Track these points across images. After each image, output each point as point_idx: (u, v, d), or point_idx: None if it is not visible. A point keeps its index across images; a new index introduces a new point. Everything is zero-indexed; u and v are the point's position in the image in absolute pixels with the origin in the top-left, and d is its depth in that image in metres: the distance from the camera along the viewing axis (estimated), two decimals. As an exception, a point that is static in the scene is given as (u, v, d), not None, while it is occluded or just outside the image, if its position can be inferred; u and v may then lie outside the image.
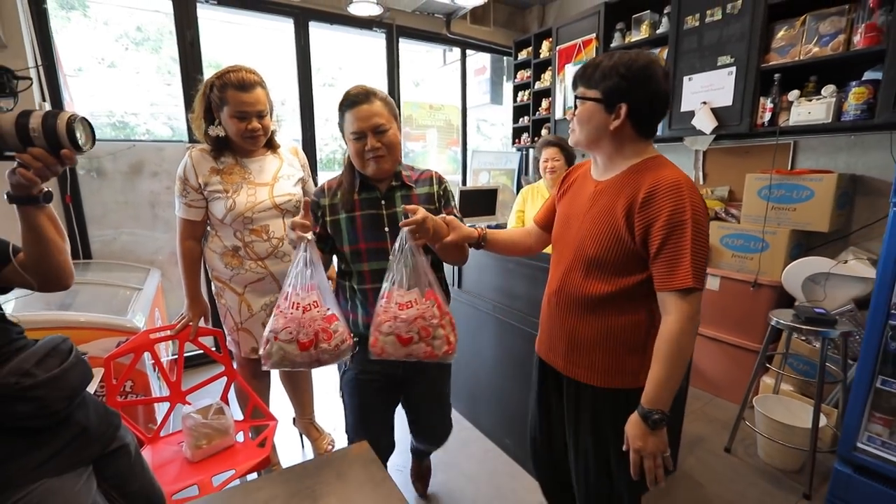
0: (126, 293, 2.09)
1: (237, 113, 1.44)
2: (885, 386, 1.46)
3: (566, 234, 1.12)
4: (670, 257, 0.92)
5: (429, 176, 1.33)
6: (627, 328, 1.03)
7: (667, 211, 0.90)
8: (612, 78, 0.94)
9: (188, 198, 1.51)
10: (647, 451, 0.94)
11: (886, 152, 2.12)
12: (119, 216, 2.66)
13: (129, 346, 1.48)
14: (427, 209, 1.17)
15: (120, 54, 3.26)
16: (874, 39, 1.92)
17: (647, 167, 0.98)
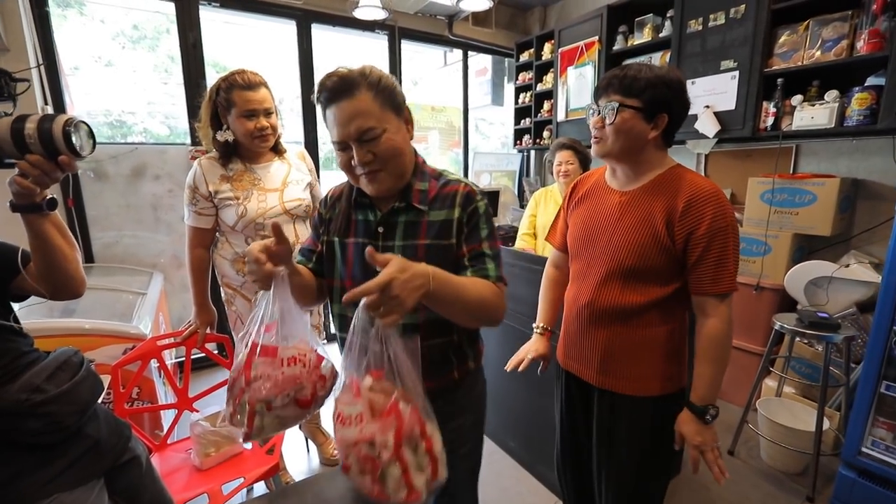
0: (130, 298, 2.08)
1: (245, 112, 1.44)
2: (889, 391, 1.47)
3: (592, 247, 1.10)
4: (714, 263, 0.96)
5: (454, 191, 0.92)
6: (665, 336, 1.06)
7: (709, 218, 0.94)
8: (658, 88, 0.96)
9: (198, 206, 1.51)
10: (708, 444, 1.00)
11: (888, 157, 2.13)
12: (121, 219, 2.66)
13: (137, 353, 1.48)
14: (431, 247, 0.88)
15: (116, 52, 3.24)
16: (877, 45, 1.93)
17: (675, 176, 1.02)
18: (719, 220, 0.94)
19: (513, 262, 1.95)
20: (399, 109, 0.88)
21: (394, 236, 0.91)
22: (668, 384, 1.07)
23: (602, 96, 1.02)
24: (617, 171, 1.10)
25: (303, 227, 1.63)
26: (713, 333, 0.98)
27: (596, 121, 1.03)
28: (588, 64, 3.15)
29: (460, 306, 0.81)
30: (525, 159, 4.27)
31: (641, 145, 1.01)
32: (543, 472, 1.89)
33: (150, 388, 1.68)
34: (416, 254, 0.88)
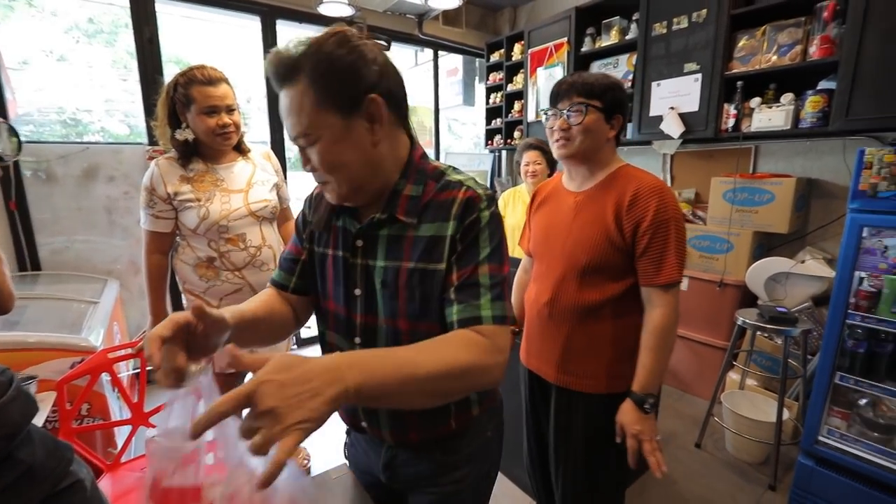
0: (80, 307, 1.96)
1: (206, 108, 1.37)
2: (842, 382, 1.53)
3: (551, 247, 1.15)
4: (656, 254, 1.01)
5: (451, 198, 0.69)
6: (620, 333, 1.10)
7: (652, 210, 1.00)
8: (615, 91, 1.06)
9: (155, 209, 1.43)
10: (646, 433, 1.01)
11: (839, 157, 2.24)
12: (72, 223, 2.50)
13: (85, 367, 1.38)
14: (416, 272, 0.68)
15: (70, 47, 3.05)
16: (828, 51, 2.01)
17: (624, 174, 1.09)
18: (662, 213, 0.99)
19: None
20: (353, 104, 0.63)
21: (375, 254, 0.72)
22: (623, 382, 1.09)
23: (563, 100, 1.07)
24: (574, 173, 1.15)
25: (270, 230, 1.56)
26: (656, 323, 1.02)
27: (561, 123, 1.07)
28: (557, 65, 3.18)
29: (414, 392, 0.56)
30: (497, 159, 4.28)
31: (601, 145, 1.08)
32: (518, 475, 1.88)
33: (102, 404, 1.58)
34: (396, 279, 0.70)
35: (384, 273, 0.71)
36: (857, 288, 1.49)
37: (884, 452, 1.46)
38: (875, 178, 1.33)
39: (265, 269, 1.53)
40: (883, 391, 1.45)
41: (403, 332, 0.72)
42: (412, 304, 0.70)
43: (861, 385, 1.49)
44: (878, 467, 1.44)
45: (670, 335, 1.03)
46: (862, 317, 1.47)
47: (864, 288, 1.48)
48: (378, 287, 0.72)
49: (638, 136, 2.75)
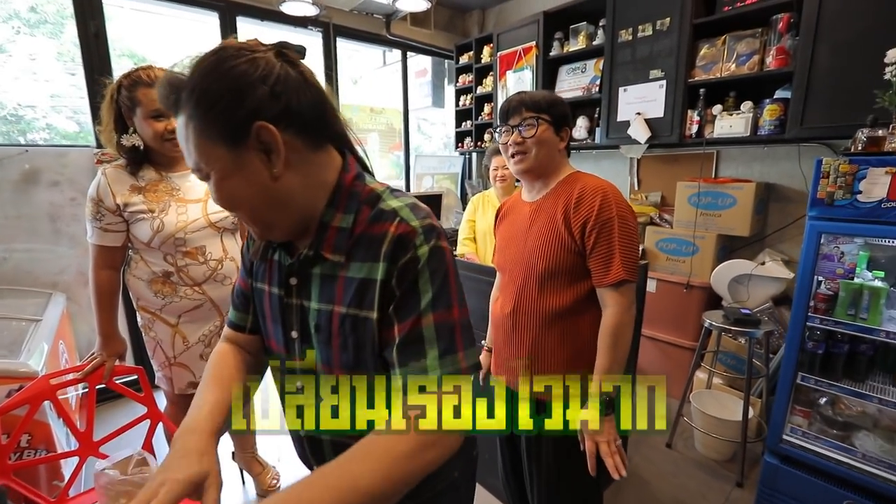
0: (20, 327, 1.79)
1: (152, 112, 1.28)
2: (804, 381, 1.59)
3: (511, 256, 1.18)
4: (603, 254, 1.02)
5: (382, 233, 0.59)
6: (585, 337, 1.10)
7: (595, 209, 1.02)
8: (559, 105, 1.11)
9: (103, 221, 1.32)
10: (603, 435, 1.01)
11: (794, 163, 2.34)
12: (9, 231, 2.29)
13: (23, 396, 1.25)
14: (349, 318, 0.61)
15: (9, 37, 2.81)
16: (783, 62, 2.10)
17: (573, 179, 1.12)
18: (605, 212, 1.01)
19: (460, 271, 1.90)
20: (237, 134, 0.53)
21: (309, 294, 0.64)
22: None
23: (513, 115, 1.10)
24: (530, 186, 1.18)
25: (232, 241, 1.47)
26: (608, 322, 1.03)
27: (515, 137, 1.10)
28: (526, 68, 3.19)
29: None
30: (467, 162, 4.27)
31: (554, 156, 1.12)
32: (494, 485, 1.86)
33: (45, 434, 1.44)
34: (330, 325, 0.63)
35: (318, 316, 0.64)
36: (815, 291, 1.55)
37: (843, 449, 1.52)
38: (832, 187, 1.38)
39: (227, 283, 1.44)
40: (841, 390, 1.52)
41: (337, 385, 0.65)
42: (345, 353, 0.63)
43: (821, 384, 1.55)
44: (837, 464, 1.50)
45: (623, 334, 1.03)
46: (821, 319, 1.53)
47: (822, 291, 1.54)
48: (312, 331, 0.65)
49: (606, 141, 2.79)
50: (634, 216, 1.07)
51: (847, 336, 1.53)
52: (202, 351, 1.47)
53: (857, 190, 1.33)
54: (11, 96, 2.75)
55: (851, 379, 1.54)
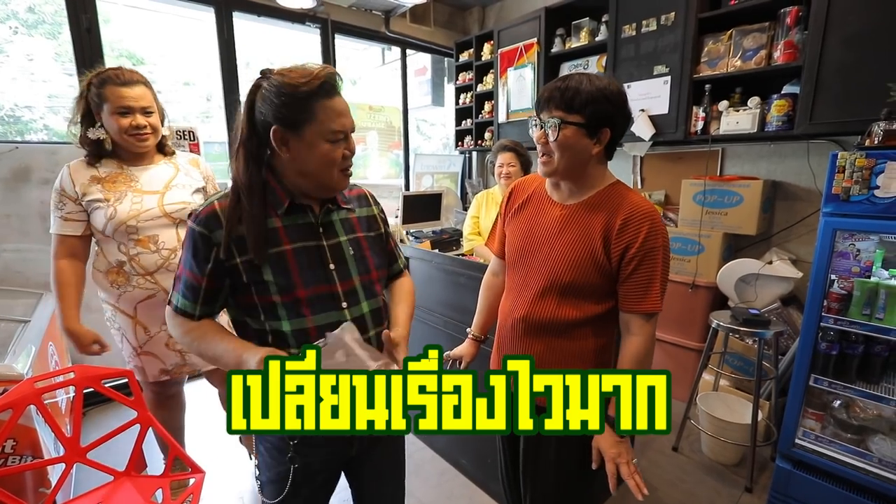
0: (7, 328, 1.74)
1: (119, 109, 1.34)
2: (816, 384, 1.54)
3: (529, 259, 1.08)
4: (642, 281, 0.97)
5: (362, 194, 1.05)
6: (595, 352, 1.06)
7: (643, 236, 0.95)
8: (600, 103, 0.94)
9: (64, 210, 1.36)
10: (623, 457, 0.97)
11: (802, 160, 2.29)
12: (0, 231, 2.24)
13: (6, 400, 1.20)
14: (370, 238, 1.01)
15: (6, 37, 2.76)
16: (791, 56, 2.05)
17: (615, 193, 1.02)
18: (652, 240, 0.95)
19: (460, 270, 1.85)
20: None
21: (335, 233, 0.94)
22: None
23: (544, 109, 0.99)
24: (561, 186, 1.07)
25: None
26: (634, 351, 1.00)
27: (539, 135, 1.00)
28: (528, 66, 3.14)
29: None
30: (467, 161, 4.22)
31: (585, 161, 0.99)
32: (498, 490, 1.81)
33: (32, 439, 1.38)
34: (360, 245, 0.97)
35: (350, 244, 0.95)
36: (827, 290, 1.50)
37: (858, 453, 1.47)
38: (847, 182, 1.33)
39: None
40: (856, 392, 1.47)
41: (375, 281, 0.98)
42: (376, 257, 1.01)
43: (834, 387, 1.50)
44: (852, 468, 1.45)
45: (647, 363, 1.00)
46: (834, 319, 1.48)
47: (835, 290, 1.49)
48: (349, 256, 0.94)
49: (609, 138, 2.74)
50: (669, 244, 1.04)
51: (862, 337, 1.49)
52: (167, 339, 1.49)
53: (874, 185, 1.29)
54: (9, 97, 2.70)
55: (866, 381, 1.49)
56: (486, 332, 1.34)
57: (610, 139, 0.98)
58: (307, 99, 0.81)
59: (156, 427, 1.41)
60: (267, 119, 0.83)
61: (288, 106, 0.81)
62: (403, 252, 2.14)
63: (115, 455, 1.40)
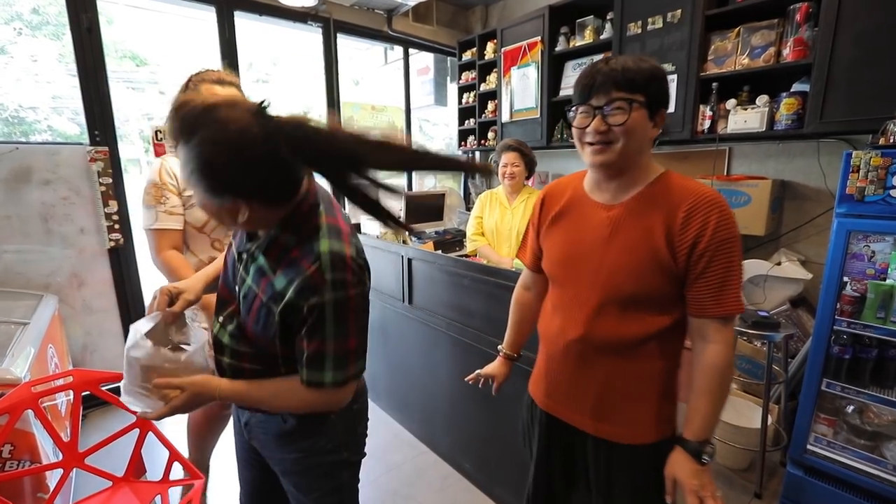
0: (6, 330, 1.72)
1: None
2: (829, 388, 1.51)
3: (579, 272, 0.95)
4: (716, 280, 0.83)
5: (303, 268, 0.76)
6: (662, 372, 0.92)
7: (711, 227, 0.82)
8: (660, 81, 0.84)
9: (168, 204, 1.36)
10: (707, 489, 0.84)
11: (812, 159, 2.25)
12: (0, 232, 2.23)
13: (2, 404, 1.18)
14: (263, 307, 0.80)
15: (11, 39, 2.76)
16: (801, 53, 2.01)
17: (669, 182, 0.89)
18: (724, 230, 0.82)
19: (463, 272, 1.82)
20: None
21: (248, 271, 0.85)
22: (667, 427, 0.94)
23: (598, 94, 0.85)
24: (605, 182, 0.94)
25: None
26: (714, 361, 0.85)
27: (597, 123, 0.85)
28: (531, 64, 3.11)
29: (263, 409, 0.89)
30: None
31: (644, 148, 0.88)
32: (501, 495, 1.78)
33: (30, 444, 1.37)
34: (252, 303, 0.83)
35: (247, 291, 0.84)
36: (840, 293, 1.46)
37: (871, 460, 1.43)
38: (862, 182, 1.30)
39: None
40: (869, 398, 1.43)
41: (248, 336, 0.86)
42: (256, 325, 0.83)
43: (847, 392, 1.46)
44: (866, 475, 1.42)
45: (728, 375, 0.87)
46: (848, 322, 1.44)
47: (848, 293, 1.46)
48: (242, 294, 0.86)
49: (614, 138, 2.71)
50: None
51: (876, 340, 1.45)
52: None
53: (889, 185, 1.25)
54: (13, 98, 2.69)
55: (880, 386, 1.46)
56: (520, 350, 1.23)
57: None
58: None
59: (155, 432, 1.39)
60: None
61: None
62: (406, 253, 2.15)
63: (114, 460, 1.38)
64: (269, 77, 4.66)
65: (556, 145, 3.10)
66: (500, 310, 1.67)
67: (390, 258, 2.24)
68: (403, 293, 2.17)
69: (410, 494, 1.87)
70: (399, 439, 2.24)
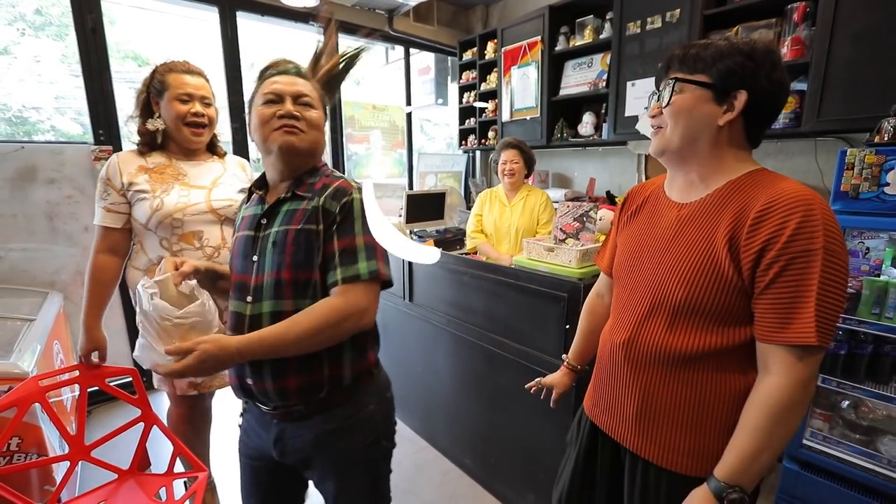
0: (13, 326, 1.75)
1: (180, 95, 1.34)
2: (824, 384, 1.52)
3: (636, 272, 0.88)
4: (787, 298, 0.68)
5: (340, 187, 0.91)
6: (725, 398, 0.78)
7: (789, 231, 0.66)
8: (734, 57, 0.73)
9: (108, 200, 1.33)
10: None
11: (809, 157, 2.27)
12: (5, 230, 2.25)
13: (11, 398, 1.20)
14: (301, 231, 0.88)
15: (14, 39, 2.78)
16: (799, 52, 2.03)
17: (755, 180, 0.75)
18: (805, 238, 0.66)
19: (464, 269, 1.84)
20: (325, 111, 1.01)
21: (272, 223, 0.93)
22: (712, 465, 0.78)
23: (663, 77, 0.81)
24: (679, 178, 0.85)
25: (231, 231, 1.44)
26: (768, 397, 0.70)
27: (653, 108, 0.80)
28: (531, 64, 3.13)
29: (287, 350, 0.83)
30: (471, 160, 4.21)
31: (709, 135, 0.76)
32: (503, 491, 1.80)
33: (37, 437, 1.39)
34: (285, 239, 0.89)
35: (276, 235, 0.90)
36: (836, 289, 1.48)
37: (866, 454, 1.45)
38: (857, 179, 1.31)
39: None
40: (864, 393, 1.45)
41: (287, 281, 0.88)
42: (297, 255, 0.88)
43: (843, 387, 1.48)
44: (861, 469, 1.43)
45: (784, 419, 0.69)
46: (843, 318, 1.46)
47: (844, 289, 1.47)
48: (268, 249, 0.90)
49: (613, 137, 2.73)
50: (846, 250, 0.69)
51: (871, 336, 1.47)
52: None
53: (884, 182, 1.27)
54: (16, 98, 2.72)
55: (875, 381, 1.47)
56: (586, 363, 1.15)
57: (751, 110, 0.74)
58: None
59: (160, 426, 1.41)
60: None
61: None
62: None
63: (119, 453, 1.41)
64: (270, 77, 4.71)
65: (556, 144, 3.12)
66: (500, 307, 1.70)
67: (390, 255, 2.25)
68: (404, 290, 2.19)
69: (411, 489, 1.89)
70: (400, 435, 2.22)
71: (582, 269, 1.45)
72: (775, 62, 0.75)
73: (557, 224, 1.61)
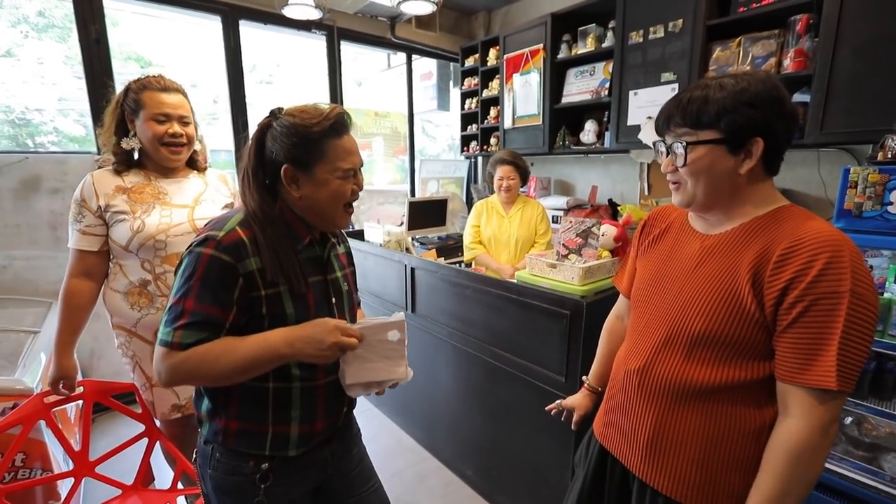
0: (17, 339, 1.76)
1: (156, 115, 1.27)
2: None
3: (655, 298, 0.87)
4: (809, 339, 0.67)
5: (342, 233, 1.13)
6: (739, 434, 0.77)
7: (815, 271, 0.66)
8: (739, 111, 0.72)
9: (83, 223, 1.26)
10: None
11: (811, 168, 2.26)
12: (9, 240, 2.27)
13: (16, 415, 1.21)
14: (352, 274, 1.07)
15: (17, 41, 2.80)
16: (802, 64, 2.02)
17: (783, 217, 0.75)
18: (829, 280, 0.65)
19: (465, 283, 1.85)
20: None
21: (333, 268, 0.99)
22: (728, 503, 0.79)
23: (667, 129, 0.81)
24: (706, 216, 0.86)
25: None
26: (788, 440, 0.69)
27: (666, 163, 0.82)
28: (533, 71, 3.13)
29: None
30: (472, 166, 4.21)
31: (733, 185, 0.77)
32: (503, 503, 1.81)
33: (42, 453, 1.40)
34: (348, 282, 1.03)
35: (343, 279, 1.00)
36: (839, 305, 1.47)
37: (869, 471, 1.45)
38: (860, 198, 1.31)
39: None
40: (867, 409, 1.45)
41: (354, 316, 1.05)
42: (355, 294, 1.07)
43: (846, 403, 1.47)
44: (863, 487, 1.43)
45: (804, 463, 0.68)
46: (846, 335, 1.45)
47: (847, 305, 1.47)
48: (344, 291, 0.99)
49: (615, 145, 2.73)
50: (876, 294, 0.68)
51: (874, 353, 1.46)
52: None
53: (887, 201, 1.27)
54: (20, 100, 2.73)
55: (879, 398, 1.47)
56: (602, 384, 1.14)
57: (768, 150, 0.74)
58: (318, 139, 0.84)
59: (163, 441, 1.42)
60: (278, 158, 0.85)
61: (299, 146, 0.84)
62: (409, 262, 2.18)
63: (123, 465, 1.41)
64: (272, 78, 4.72)
65: (558, 151, 3.12)
66: (502, 321, 1.70)
67: (394, 267, 2.26)
68: (406, 301, 2.19)
69: (412, 500, 1.89)
70: (401, 445, 2.27)
71: (585, 286, 1.45)
72: (780, 98, 0.74)
73: (560, 239, 1.61)
